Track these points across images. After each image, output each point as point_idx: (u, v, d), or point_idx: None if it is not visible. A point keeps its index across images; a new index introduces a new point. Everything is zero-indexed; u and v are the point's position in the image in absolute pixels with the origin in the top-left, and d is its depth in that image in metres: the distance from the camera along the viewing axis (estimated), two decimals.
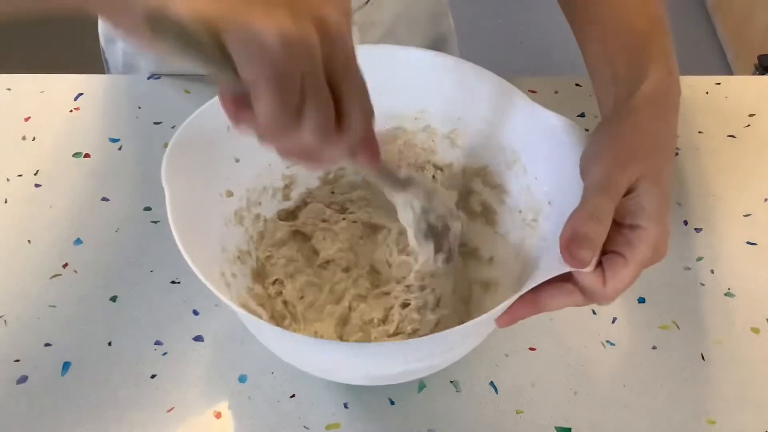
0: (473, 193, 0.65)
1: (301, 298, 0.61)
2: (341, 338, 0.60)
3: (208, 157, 0.57)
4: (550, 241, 0.55)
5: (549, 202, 0.58)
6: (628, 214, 0.48)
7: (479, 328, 0.53)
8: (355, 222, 0.65)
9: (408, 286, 0.61)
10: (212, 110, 0.57)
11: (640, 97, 0.53)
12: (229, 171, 0.60)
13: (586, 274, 0.48)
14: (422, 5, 0.86)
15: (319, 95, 0.39)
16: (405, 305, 0.61)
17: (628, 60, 0.55)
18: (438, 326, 0.60)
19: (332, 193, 0.67)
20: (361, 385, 0.59)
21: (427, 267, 0.60)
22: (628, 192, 0.49)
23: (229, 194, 0.60)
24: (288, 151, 0.43)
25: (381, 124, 0.64)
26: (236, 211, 0.61)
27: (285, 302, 0.61)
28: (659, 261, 0.49)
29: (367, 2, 0.79)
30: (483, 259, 0.64)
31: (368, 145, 0.46)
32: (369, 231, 0.65)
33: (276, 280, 0.62)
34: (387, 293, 0.62)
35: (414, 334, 0.59)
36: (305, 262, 0.64)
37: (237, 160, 0.60)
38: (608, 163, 0.50)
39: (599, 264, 0.48)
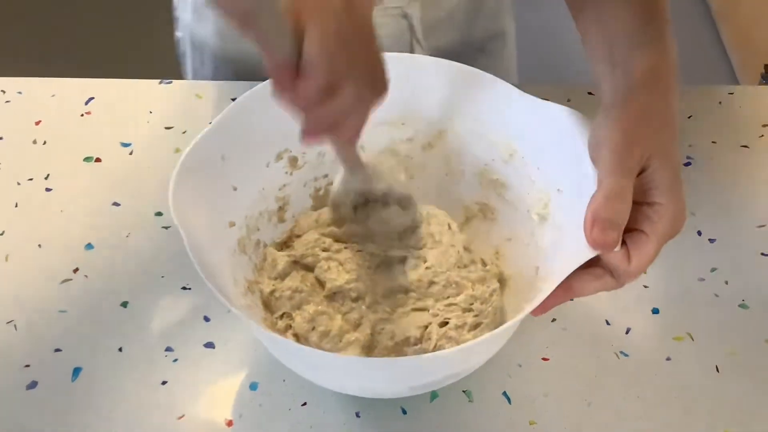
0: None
1: (313, 329, 0.58)
2: None
3: (208, 189, 0.57)
4: (567, 228, 0.56)
5: (558, 190, 0.59)
6: (645, 192, 0.50)
7: (514, 326, 0.53)
8: (360, 251, 0.62)
9: (450, 305, 0.60)
10: (205, 143, 0.56)
11: (635, 80, 0.54)
12: (229, 201, 0.59)
13: (611, 254, 0.50)
14: None
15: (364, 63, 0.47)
16: (443, 324, 0.59)
17: (626, 45, 0.56)
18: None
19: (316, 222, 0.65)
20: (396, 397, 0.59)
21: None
22: (642, 171, 0.51)
23: (232, 224, 0.59)
24: (320, 118, 0.48)
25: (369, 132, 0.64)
26: (239, 240, 0.60)
27: (296, 335, 0.59)
28: (678, 233, 0.51)
29: None
30: (487, 255, 0.64)
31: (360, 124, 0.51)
32: (379, 261, 0.62)
33: (283, 314, 0.60)
34: (421, 309, 0.60)
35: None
36: (311, 290, 0.61)
37: (234, 189, 0.59)
38: (616, 144, 0.51)
39: (623, 243, 0.50)
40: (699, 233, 0.70)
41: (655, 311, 0.65)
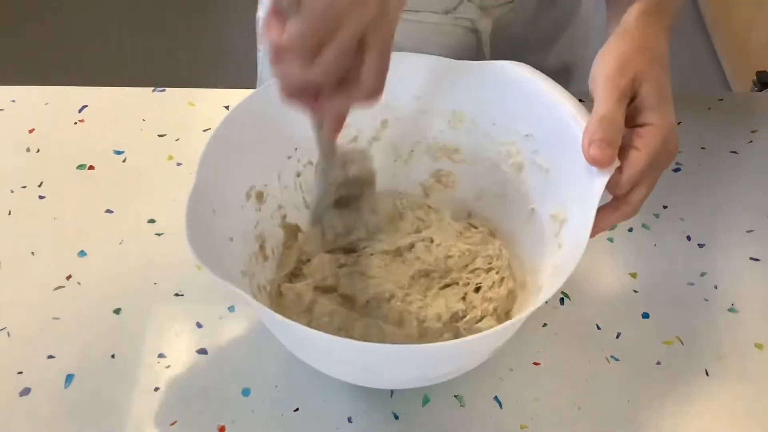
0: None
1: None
2: None
3: (214, 246, 0.55)
4: (556, 167, 0.59)
5: (526, 135, 0.62)
6: (636, 116, 0.55)
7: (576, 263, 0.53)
8: (372, 254, 0.63)
9: (473, 270, 0.62)
10: (195, 203, 0.53)
11: (632, 19, 0.59)
12: (231, 252, 0.58)
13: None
14: (559, 28, 0.86)
15: (347, 43, 0.45)
16: (477, 290, 0.61)
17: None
18: (509, 296, 0.62)
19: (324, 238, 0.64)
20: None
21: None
22: (634, 99, 0.55)
23: (244, 275, 0.59)
24: (289, 78, 0.47)
25: None
26: (251, 290, 0.59)
27: None
28: (673, 157, 0.56)
29: (509, 2, 0.79)
30: (461, 217, 0.67)
31: (341, 118, 0.51)
32: (392, 256, 0.63)
33: None
34: (450, 285, 0.62)
35: (495, 311, 0.61)
36: (347, 307, 0.61)
37: (231, 239, 0.58)
38: (609, 72, 0.55)
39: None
40: (688, 238, 0.70)
41: (645, 316, 0.65)
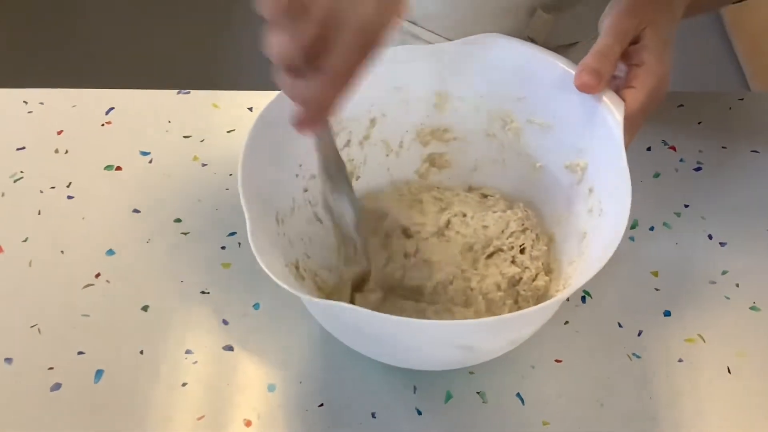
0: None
1: None
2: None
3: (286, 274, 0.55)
4: (558, 122, 0.62)
5: (519, 98, 0.63)
6: (635, 55, 0.59)
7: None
8: (426, 238, 0.64)
9: (512, 234, 0.64)
10: (254, 232, 0.52)
11: None
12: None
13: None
14: None
15: (316, 17, 0.42)
16: (521, 251, 0.64)
17: None
18: (550, 249, 0.64)
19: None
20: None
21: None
22: (637, 42, 0.59)
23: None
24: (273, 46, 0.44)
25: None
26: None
27: None
28: (663, 95, 0.59)
29: (575, 43, 0.81)
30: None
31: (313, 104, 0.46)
32: (438, 237, 0.64)
33: None
34: (494, 253, 0.63)
35: (543, 267, 0.63)
36: (415, 298, 0.62)
37: (286, 266, 0.58)
38: (615, 14, 0.59)
39: None
40: (710, 237, 0.71)
41: (667, 314, 0.66)
